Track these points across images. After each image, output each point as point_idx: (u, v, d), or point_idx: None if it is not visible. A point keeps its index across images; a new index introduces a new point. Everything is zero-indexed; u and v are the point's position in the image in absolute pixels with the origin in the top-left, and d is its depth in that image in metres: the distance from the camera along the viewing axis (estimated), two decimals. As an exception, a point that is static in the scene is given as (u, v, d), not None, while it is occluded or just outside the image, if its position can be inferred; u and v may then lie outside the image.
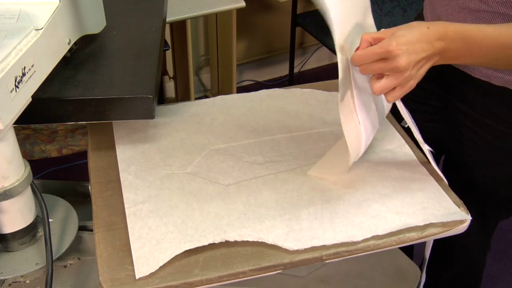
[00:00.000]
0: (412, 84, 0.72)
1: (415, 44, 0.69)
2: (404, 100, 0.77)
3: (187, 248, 0.70)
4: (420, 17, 1.03)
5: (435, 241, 0.82)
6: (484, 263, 1.21)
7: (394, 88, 0.72)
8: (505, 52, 0.74)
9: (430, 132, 1.08)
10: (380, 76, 0.72)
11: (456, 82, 0.96)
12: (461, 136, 1.00)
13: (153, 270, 0.67)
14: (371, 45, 0.72)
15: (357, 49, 0.72)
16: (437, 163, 1.05)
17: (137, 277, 0.67)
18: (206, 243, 0.71)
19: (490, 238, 1.15)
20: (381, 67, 0.70)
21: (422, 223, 0.75)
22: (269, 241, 0.72)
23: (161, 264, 0.68)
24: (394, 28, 0.71)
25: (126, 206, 0.77)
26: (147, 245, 0.71)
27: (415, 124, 0.84)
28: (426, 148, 0.85)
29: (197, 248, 0.70)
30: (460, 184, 0.93)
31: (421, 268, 0.92)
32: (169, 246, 0.70)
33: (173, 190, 0.80)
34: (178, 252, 0.69)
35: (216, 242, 0.71)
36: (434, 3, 0.95)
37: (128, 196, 0.78)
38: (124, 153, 0.86)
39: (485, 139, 0.96)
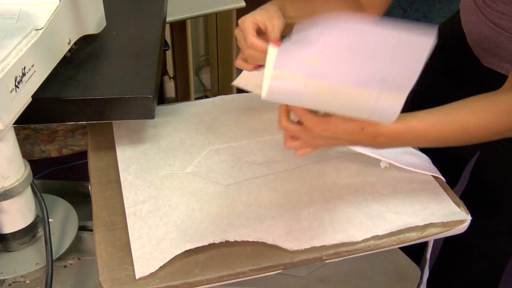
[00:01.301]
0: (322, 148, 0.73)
1: (341, 135, 0.67)
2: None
3: (187, 248, 0.70)
4: (454, 18, 1.02)
5: (450, 243, 0.81)
6: (504, 268, 1.19)
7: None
8: (434, 144, 0.71)
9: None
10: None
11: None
12: (494, 148, 0.99)
13: (153, 270, 0.67)
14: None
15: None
16: (465, 164, 1.04)
17: (137, 277, 0.67)
18: (206, 243, 0.70)
19: None
20: (299, 130, 0.69)
21: (422, 223, 0.75)
22: (269, 241, 0.72)
23: (161, 264, 0.68)
24: None
25: (126, 206, 0.77)
26: (147, 245, 0.71)
27: None
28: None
29: (197, 248, 0.70)
30: (491, 189, 0.92)
31: (422, 268, 0.92)
32: (169, 246, 0.70)
33: (173, 190, 0.80)
34: (178, 252, 0.69)
35: (216, 242, 0.71)
36: (466, 23, 0.95)
37: (128, 196, 0.78)
38: (124, 153, 0.86)
39: None
